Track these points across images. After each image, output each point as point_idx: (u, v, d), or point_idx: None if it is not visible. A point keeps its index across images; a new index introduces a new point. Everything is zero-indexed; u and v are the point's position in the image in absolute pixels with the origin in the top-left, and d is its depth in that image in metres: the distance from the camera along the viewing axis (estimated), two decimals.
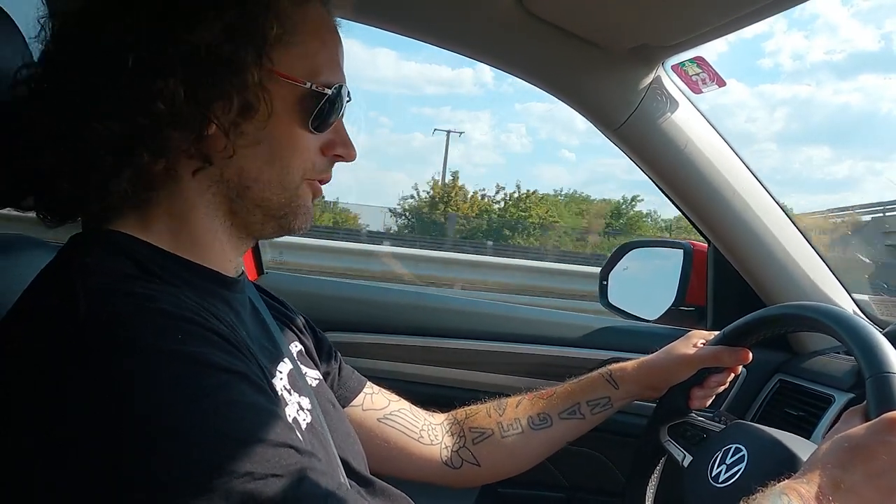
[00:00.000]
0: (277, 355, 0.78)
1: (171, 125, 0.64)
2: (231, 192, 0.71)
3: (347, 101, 0.76)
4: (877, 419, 0.67)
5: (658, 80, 1.24)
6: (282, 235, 0.77)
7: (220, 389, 0.56)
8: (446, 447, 1.04)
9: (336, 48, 0.75)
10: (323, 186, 0.77)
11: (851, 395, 1.10)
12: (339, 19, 0.78)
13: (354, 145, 0.78)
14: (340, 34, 0.77)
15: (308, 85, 0.70)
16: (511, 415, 1.07)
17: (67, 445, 0.53)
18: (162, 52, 0.63)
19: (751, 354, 1.03)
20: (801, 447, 0.82)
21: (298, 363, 0.84)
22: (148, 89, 0.62)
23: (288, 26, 0.69)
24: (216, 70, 0.64)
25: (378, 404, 1.02)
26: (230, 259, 0.75)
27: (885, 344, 0.77)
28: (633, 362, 1.11)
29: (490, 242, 18.92)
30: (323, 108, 0.72)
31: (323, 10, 0.74)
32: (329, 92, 0.71)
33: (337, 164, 0.78)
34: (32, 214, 0.71)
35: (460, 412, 1.09)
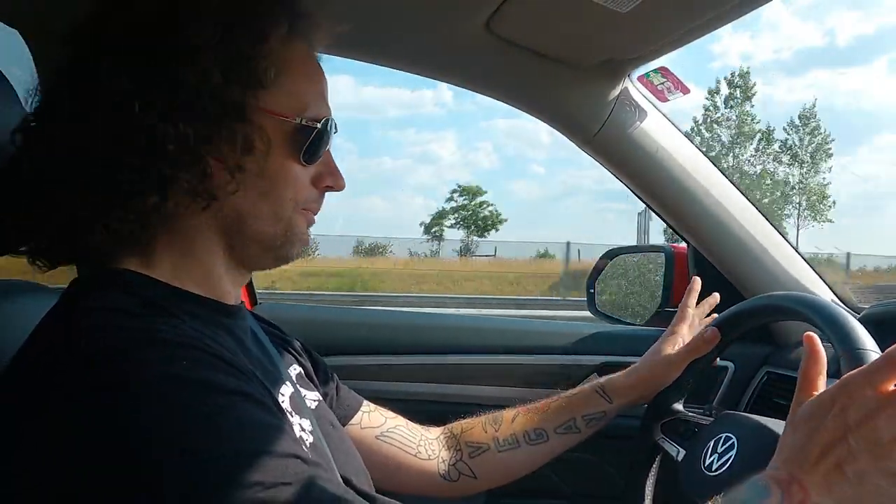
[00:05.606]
0: (279, 378, 0.81)
1: (181, 168, 0.66)
2: (229, 227, 0.73)
3: (334, 133, 0.79)
4: (826, 390, 0.66)
5: (625, 91, 1.29)
6: (279, 266, 0.79)
7: (228, 410, 0.59)
8: (443, 461, 1.07)
9: (321, 82, 0.79)
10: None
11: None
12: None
13: (342, 175, 0.80)
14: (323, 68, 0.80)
15: (298, 120, 0.73)
16: (507, 430, 1.09)
17: (84, 480, 0.55)
18: (168, 96, 0.65)
19: (719, 333, 1.06)
20: None
21: (298, 386, 0.86)
22: (158, 134, 0.65)
23: (277, 65, 0.71)
24: (218, 111, 0.67)
25: (375, 422, 1.04)
26: (228, 291, 0.77)
27: (856, 324, 0.80)
28: (622, 374, 1.13)
29: None
30: (313, 142, 0.75)
31: (307, 46, 0.77)
32: (318, 126, 0.75)
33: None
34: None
35: (456, 426, 1.11)
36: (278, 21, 0.73)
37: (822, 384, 0.68)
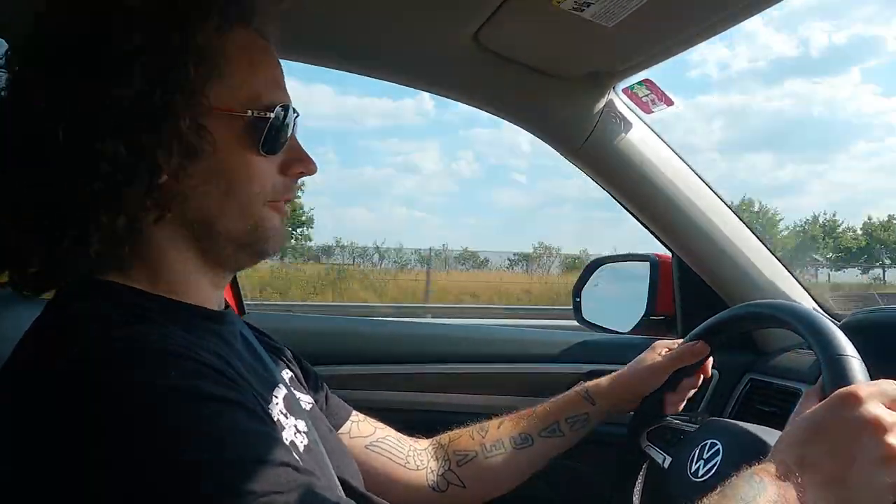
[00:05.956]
0: (272, 381, 0.81)
1: (121, 183, 0.64)
2: (197, 232, 0.72)
3: (296, 117, 0.76)
4: (830, 397, 0.71)
5: (611, 103, 1.31)
6: (257, 262, 0.79)
7: (217, 418, 0.59)
8: (432, 471, 1.07)
9: (272, 68, 0.75)
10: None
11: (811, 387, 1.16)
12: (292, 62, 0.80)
13: (312, 158, 0.78)
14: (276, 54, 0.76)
15: (249, 113, 0.71)
16: (494, 436, 1.10)
17: (81, 486, 0.55)
18: (93, 112, 0.63)
19: (707, 347, 1.07)
20: (771, 436, 0.87)
21: (292, 388, 0.87)
22: (89, 153, 0.63)
23: (214, 60, 0.68)
24: (149, 120, 0.64)
25: (364, 431, 1.04)
26: (209, 296, 0.76)
27: (836, 330, 0.82)
28: (606, 378, 1.15)
29: None
30: (270, 132, 0.72)
31: (250, 32, 0.74)
32: (271, 115, 0.72)
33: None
34: None
35: (444, 436, 1.11)
36: (207, 15, 0.68)
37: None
